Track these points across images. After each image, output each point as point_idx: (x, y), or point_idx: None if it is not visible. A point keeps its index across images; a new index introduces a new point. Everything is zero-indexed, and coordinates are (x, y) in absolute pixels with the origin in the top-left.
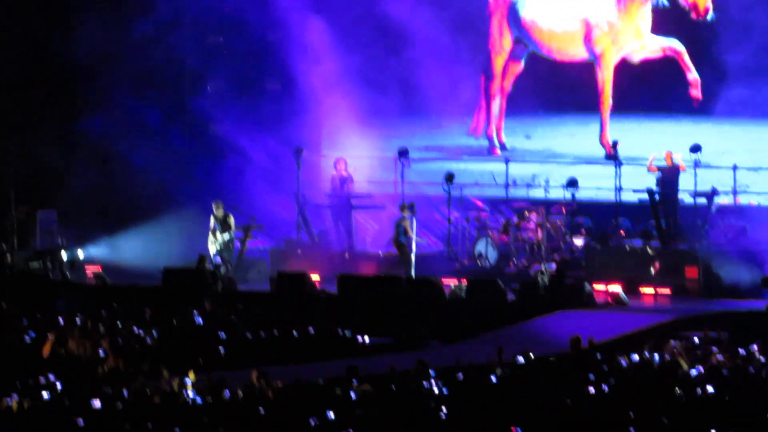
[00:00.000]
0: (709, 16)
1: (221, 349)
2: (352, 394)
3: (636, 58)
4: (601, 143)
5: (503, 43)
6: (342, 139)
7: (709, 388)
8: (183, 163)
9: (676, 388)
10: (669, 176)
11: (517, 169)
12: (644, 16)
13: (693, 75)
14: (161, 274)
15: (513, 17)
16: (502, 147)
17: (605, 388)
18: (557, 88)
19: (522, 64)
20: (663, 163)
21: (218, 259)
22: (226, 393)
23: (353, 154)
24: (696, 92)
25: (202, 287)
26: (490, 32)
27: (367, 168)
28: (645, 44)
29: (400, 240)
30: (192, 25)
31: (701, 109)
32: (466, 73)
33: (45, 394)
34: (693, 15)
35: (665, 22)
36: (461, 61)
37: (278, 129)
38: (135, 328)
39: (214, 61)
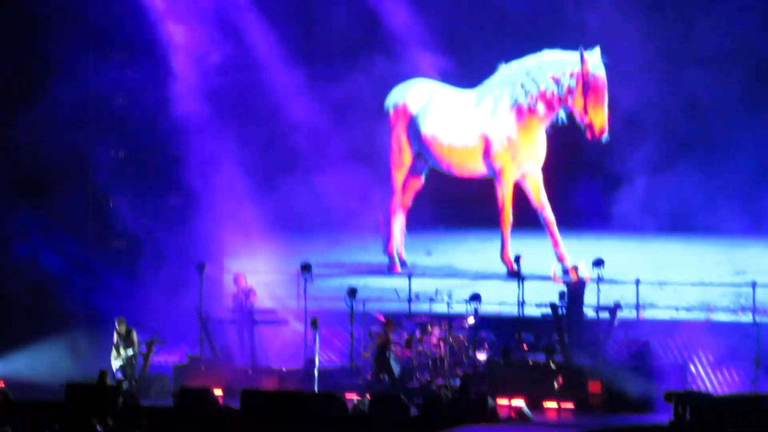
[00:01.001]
0: (604, 137)
1: None
2: None
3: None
4: (503, 260)
5: (403, 157)
6: (243, 255)
7: None
8: (85, 277)
9: None
10: (574, 289)
11: (419, 285)
12: (543, 135)
13: (560, 250)
14: (63, 389)
15: (413, 132)
16: (403, 264)
17: None
18: (458, 203)
19: (422, 179)
20: (567, 276)
21: (120, 375)
22: None
23: (254, 269)
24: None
25: (105, 403)
26: (390, 147)
27: (268, 284)
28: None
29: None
30: (96, 135)
31: (603, 225)
32: (367, 189)
33: None
34: (588, 135)
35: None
36: (361, 177)
37: (181, 244)
38: None
39: (116, 179)
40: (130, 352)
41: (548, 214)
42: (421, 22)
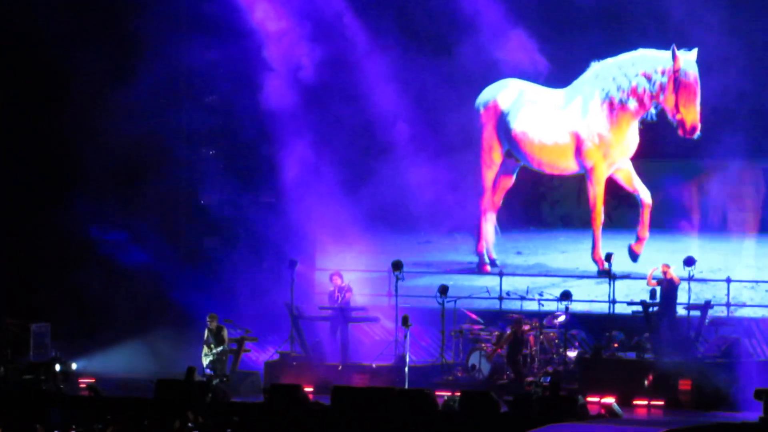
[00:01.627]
0: (696, 134)
1: None
2: None
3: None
4: (594, 259)
5: (493, 156)
6: (334, 252)
7: None
8: (176, 275)
9: None
10: (666, 289)
11: (510, 283)
12: (634, 132)
13: (644, 232)
14: (154, 385)
15: (503, 130)
16: (492, 263)
17: None
18: (548, 202)
19: (513, 178)
20: (660, 276)
21: (210, 371)
22: None
23: (345, 266)
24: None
25: (195, 399)
26: (481, 146)
27: (358, 283)
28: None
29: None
30: (186, 137)
31: (693, 223)
32: (458, 186)
33: None
34: (680, 132)
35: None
36: (452, 173)
37: (272, 241)
38: None
39: (207, 174)
40: (220, 348)
41: (645, 196)
42: (511, 21)
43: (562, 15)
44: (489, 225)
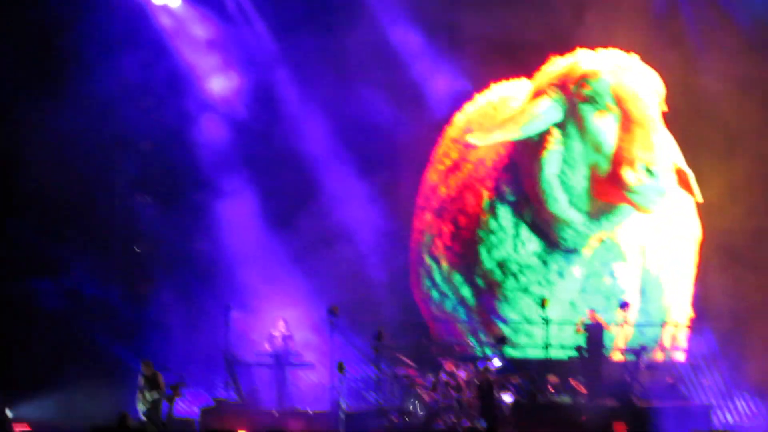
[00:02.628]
0: None
1: None
2: None
3: None
4: None
5: None
6: (270, 296)
7: None
8: (111, 320)
9: None
10: (594, 333)
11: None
12: None
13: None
14: None
15: None
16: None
17: None
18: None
19: None
20: (589, 321)
21: (145, 418)
22: None
23: (280, 314)
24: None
25: None
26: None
27: (295, 327)
28: None
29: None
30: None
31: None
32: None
33: None
34: None
35: None
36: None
37: (206, 287)
38: None
39: (141, 217)
40: (155, 395)
41: None
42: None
43: None
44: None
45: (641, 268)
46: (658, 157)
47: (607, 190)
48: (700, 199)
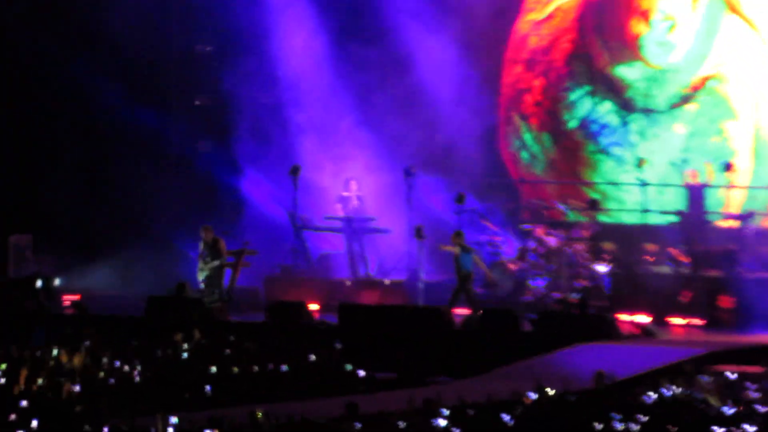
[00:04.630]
0: None
1: (208, 387)
2: None
3: None
4: None
5: None
6: (343, 156)
7: (748, 428)
8: (169, 182)
9: (714, 428)
10: (696, 194)
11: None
12: None
13: None
14: (144, 303)
15: None
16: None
17: (632, 427)
18: None
19: None
20: (690, 181)
21: (205, 287)
22: None
23: (356, 174)
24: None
25: (189, 317)
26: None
27: (371, 189)
28: None
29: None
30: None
31: None
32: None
33: None
34: None
35: None
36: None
37: (272, 146)
38: (117, 362)
39: (201, 72)
40: (216, 263)
41: None
42: None
43: None
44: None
45: (754, 126)
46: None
47: None
48: None
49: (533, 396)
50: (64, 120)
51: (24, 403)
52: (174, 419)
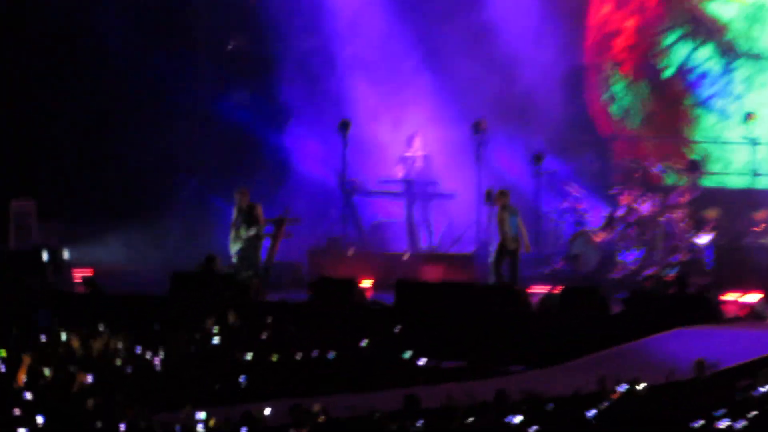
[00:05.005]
0: None
1: (242, 377)
2: None
3: None
4: None
5: None
6: (402, 107)
7: None
8: (197, 139)
9: None
10: None
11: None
12: None
13: None
14: (168, 279)
15: None
16: None
17: (738, 425)
18: None
19: None
20: None
21: (239, 261)
22: None
23: (419, 130)
24: None
25: (221, 296)
26: None
27: (434, 146)
28: None
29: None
30: None
31: None
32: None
33: None
34: None
35: None
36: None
37: (319, 97)
38: (138, 348)
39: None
40: (252, 232)
41: None
42: None
43: None
44: None
45: None
46: None
47: None
48: None
49: (622, 389)
50: (71, 66)
51: (28, 395)
52: (202, 414)
